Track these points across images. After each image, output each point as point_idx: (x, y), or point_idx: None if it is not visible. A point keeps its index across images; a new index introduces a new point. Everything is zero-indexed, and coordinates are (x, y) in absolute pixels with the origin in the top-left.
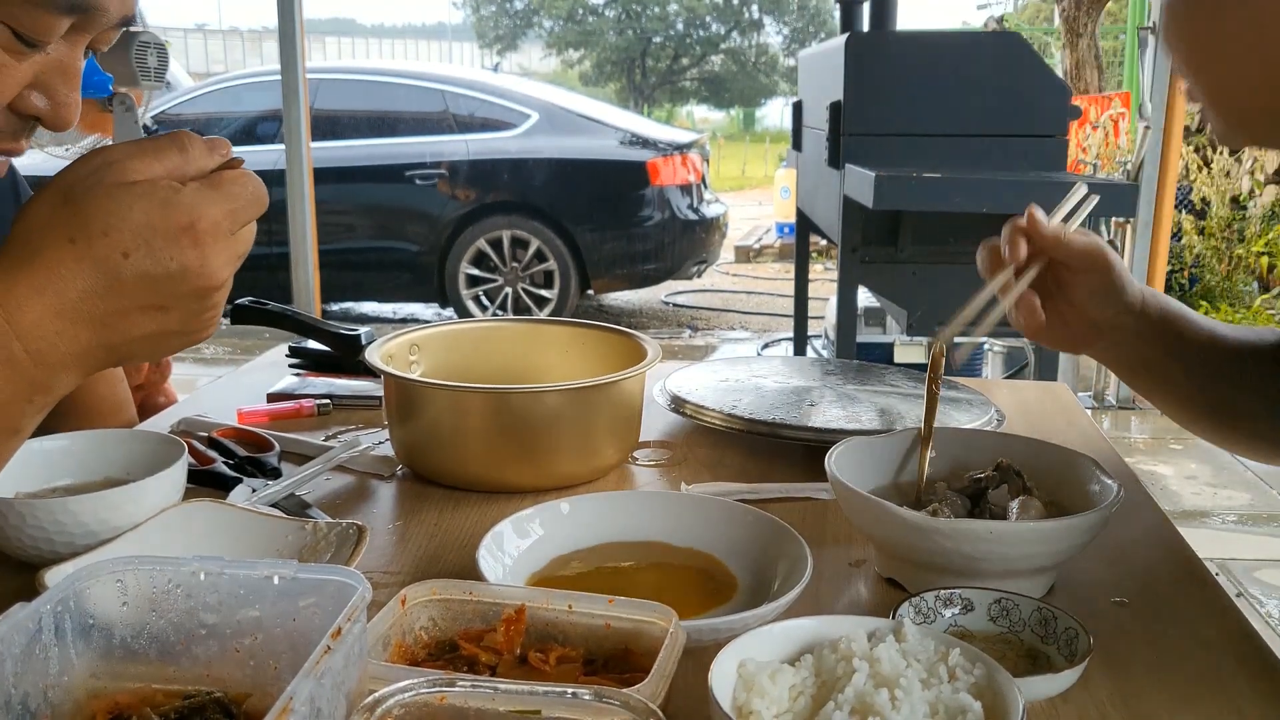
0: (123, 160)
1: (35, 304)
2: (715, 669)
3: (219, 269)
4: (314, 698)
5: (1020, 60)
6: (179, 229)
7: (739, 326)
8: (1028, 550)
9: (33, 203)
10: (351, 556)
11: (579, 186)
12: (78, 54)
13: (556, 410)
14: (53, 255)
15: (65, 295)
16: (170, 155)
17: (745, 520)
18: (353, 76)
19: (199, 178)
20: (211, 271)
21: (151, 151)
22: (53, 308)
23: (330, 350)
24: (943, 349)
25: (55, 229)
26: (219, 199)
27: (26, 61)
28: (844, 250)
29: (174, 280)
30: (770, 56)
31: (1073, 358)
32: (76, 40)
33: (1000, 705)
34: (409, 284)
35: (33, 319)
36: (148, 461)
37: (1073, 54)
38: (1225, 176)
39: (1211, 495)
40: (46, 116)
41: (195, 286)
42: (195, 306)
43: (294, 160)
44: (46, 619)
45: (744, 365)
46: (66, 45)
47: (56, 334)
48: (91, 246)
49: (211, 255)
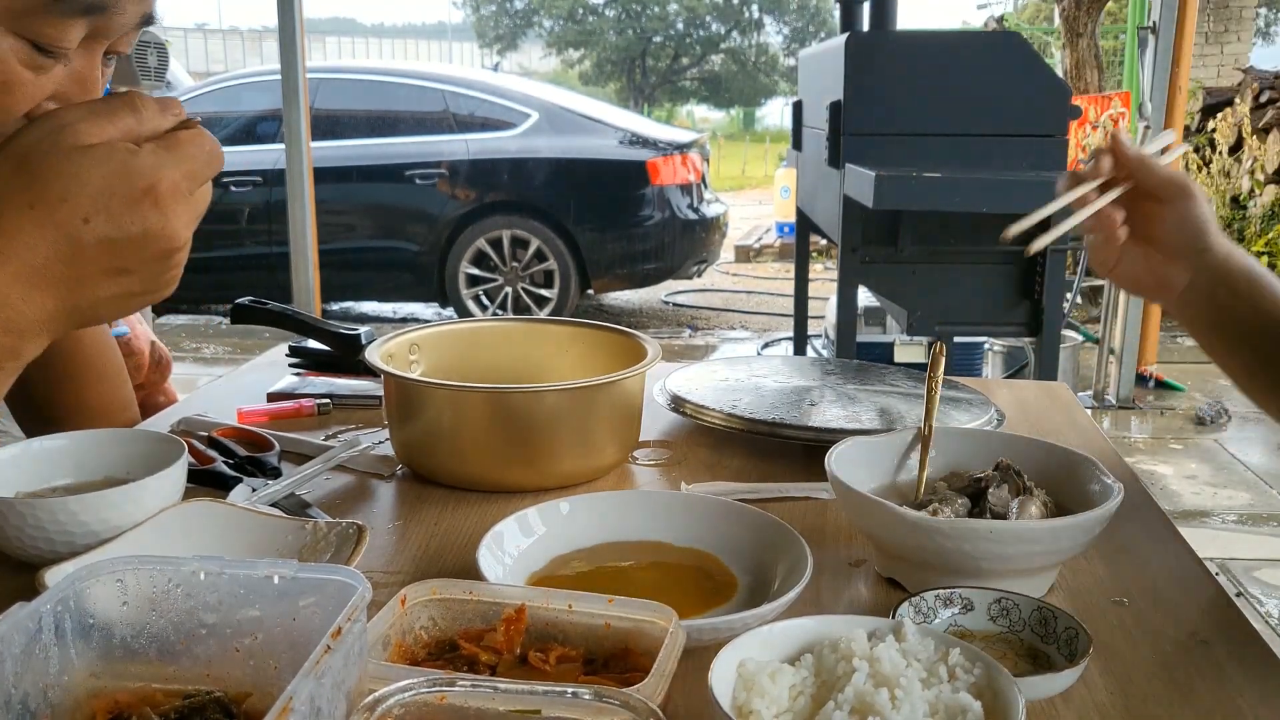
0: (75, 123)
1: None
2: (715, 669)
3: (180, 230)
4: (314, 697)
5: (1020, 60)
6: (139, 192)
7: (739, 326)
8: (1028, 550)
9: None
10: (351, 556)
11: (579, 186)
12: (95, 63)
13: (556, 410)
14: (11, 222)
15: (27, 262)
16: (124, 116)
17: (745, 520)
18: (353, 76)
19: (154, 138)
20: (173, 233)
21: (105, 113)
22: (15, 274)
23: (330, 350)
24: (942, 348)
25: (12, 196)
26: (177, 160)
27: (46, 76)
28: (844, 250)
29: (136, 244)
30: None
31: (1073, 357)
32: (94, 49)
33: (1000, 705)
34: (409, 284)
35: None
36: (148, 461)
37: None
38: (1225, 176)
39: (1211, 495)
40: None
41: (158, 249)
42: (157, 268)
43: (294, 160)
44: (46, 619)
45: (744, 365)
46: (84, 56)
47: (22, 300)
48: (51, 213)
49: (173, 217)
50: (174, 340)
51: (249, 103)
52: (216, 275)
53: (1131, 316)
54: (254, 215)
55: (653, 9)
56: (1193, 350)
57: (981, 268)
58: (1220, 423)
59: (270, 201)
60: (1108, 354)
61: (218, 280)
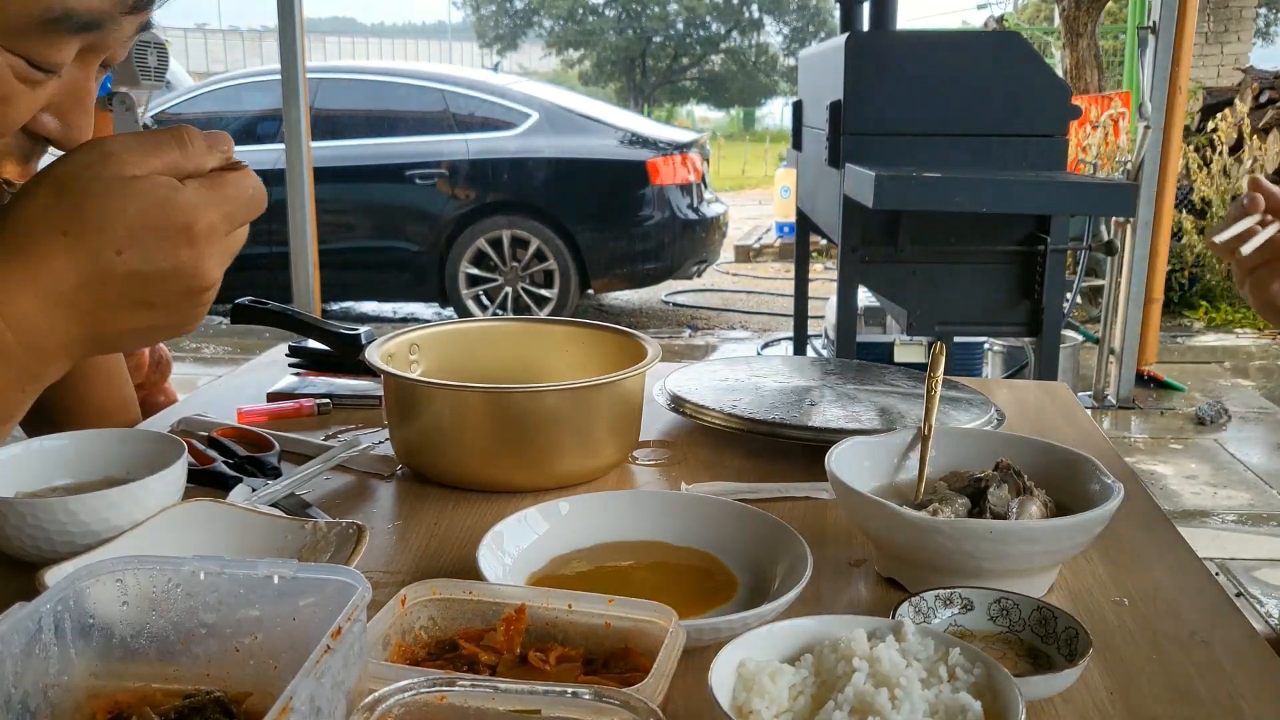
0: (120, 153)
1: (26, 295)
2: (715, 669)
3: (211, 269)
4: (314, 697)
5: (1020, 60)
6: (175, 230)
7: (739, 326)
8: (1028, 550)
9: (26, 192)
10: (351, 556)
11: (579, 186)
12: (90, 74)
13: (556, 410)
14: (45, 247)
15: (55, 287)
16: (169, 150)
17: (745, 520)
18: (353, 76)
19: (198, 175)
20: (204, 272)
21: (152, 146)
22: (42, 299)
23: (330, 350)
24: (942, 348)
25: (49, 220)
26: (218, 200)
27: (41, 88)
28: (844, 250)
29: (165, 279)
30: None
31: (1073, 357)
32: (89, 61)
33: (1000, 705)
34: (409, 284)
35: (23, 310)
36: (148, 461)
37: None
38: (1225, 176)
39: (1211, 495)
40: (58, 137)
41: (187, 286)
42: (184, 304)
43: (294, 160)
44: (46, 619)
45: (744, 365)
46: (79, 67)
47: (47, 324)
48: (85, 241)
49: (206, 256)
50: (174, 340)
51: (249, 103)
52: None
53: (1131, 316)
54: None
55: (653, 9)
56: (1192, 350)
57: (981, 268)
58: (1220, 423)
59: (270, 201)
60: (1108, 354)
61: None
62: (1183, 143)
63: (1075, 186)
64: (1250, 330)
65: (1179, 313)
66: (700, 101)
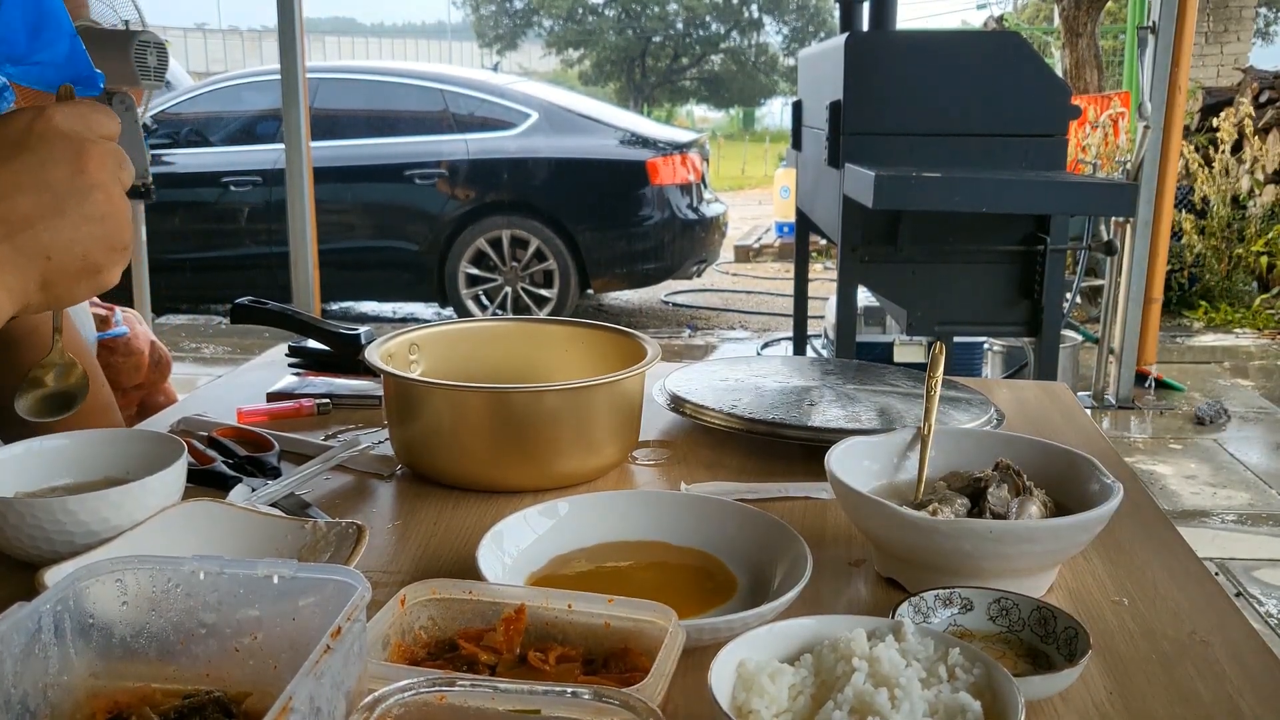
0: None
1: None
2: (715, 669)
3: (94, 170)
4: (314, 697)
5: (1020, 60)
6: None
7: (739, 326)
8: (1028, 550)
9: None
10: (351, 556)
11: (579, 186)
12: None
13: (556, 410)
14: None
15: None
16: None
17: (745, 520)
18: (353, 76)
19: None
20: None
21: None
22: None
23: (330, 350)
24: (942, 348)
25: None
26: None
27: None
28: (844, 250)
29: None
30: (770, 56)
31: (1072, 357)
32: None
33: (1000, 705)
34: (409, 284)
35: None
36: (148, 461)
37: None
38: (1225, 176)
39: (1211, 495)
40: None
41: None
42: (81, 201)
43: (294, 160)
44: (46, 618)
45: (744, 365)
46: None
47: None
48: None
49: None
50: (174, 340)
51: (249, 102)
52: (216, 275)
53: (1131, 316)
54: (254, 215)
55: (653, 9)
56: (1192, 350)
57: (981, 267)
58: (1220, 423)
59: (270, 201)
60: (1107, 354)
61: (218, 280)
62: (1183, 142)
63: (1075, 186)
64: (1250, 330)
65: (1178, 313)
66: (700, 101)
